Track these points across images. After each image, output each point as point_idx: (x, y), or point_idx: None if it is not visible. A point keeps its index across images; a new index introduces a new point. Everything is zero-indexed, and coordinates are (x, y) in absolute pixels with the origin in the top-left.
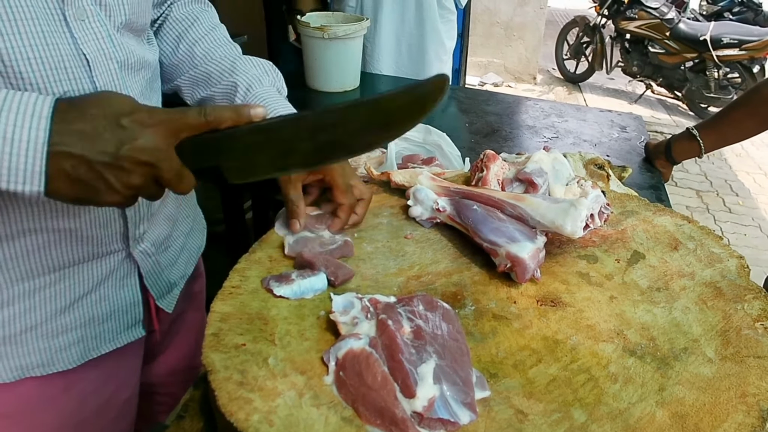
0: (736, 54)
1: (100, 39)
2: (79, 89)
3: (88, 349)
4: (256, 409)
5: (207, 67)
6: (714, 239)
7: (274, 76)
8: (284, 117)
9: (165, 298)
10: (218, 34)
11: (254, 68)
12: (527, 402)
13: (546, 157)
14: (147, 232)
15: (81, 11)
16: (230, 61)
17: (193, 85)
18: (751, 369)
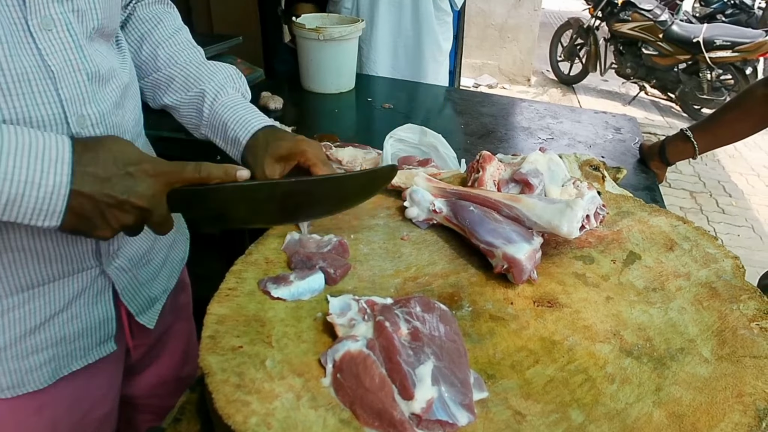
0: (729, 56)
1: (67, 50)
2: (43, 102)
3: (59, 367)
4: (253, 411)
5: (170, 71)
6: (709, 240)
7: (238, 81)
8: (262, 182)
9: (145, 314)
10: (181, 37)
11: (219, 74)
12: (525, 403)
13: (542, 158)
14: (122, 247)
15: (47, 21)
16: (195, 66)
17: (155, 88)
18: (747, 369)
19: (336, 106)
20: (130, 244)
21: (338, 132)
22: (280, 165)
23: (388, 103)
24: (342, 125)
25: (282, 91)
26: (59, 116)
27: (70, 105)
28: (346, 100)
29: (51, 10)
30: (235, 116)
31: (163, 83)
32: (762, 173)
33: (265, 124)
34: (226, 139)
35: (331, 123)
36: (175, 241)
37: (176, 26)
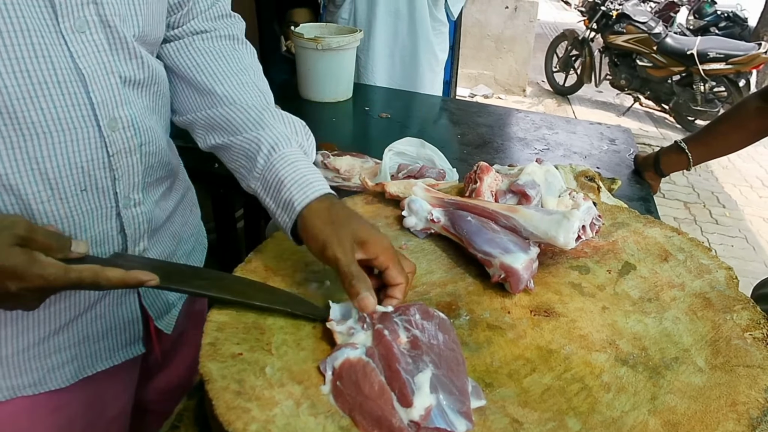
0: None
1: (101, 52)
2: (73, 104)
3: (83, 367)
4: (253, 418)
5: (229, 111)
6: (703, 251)
7: (303, 137)
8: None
9: (163, 319)
10: (248, 77)
11: (282, 125)
12: (522, 411)
13: (538, 170)
14: (147, 249)
15: (81, 23)
16: (257, 111)
17: (208, 128)
18: (741, 378)
19: (333, 115)
20: (156, 246)
21: (336, 141)
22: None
23: (385, 112)
24: (339, 134)
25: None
26: (90, 119)
27: (101, 108)
28: (344, 110)
29: (85, 11)
30: (294, 174)
31: (218, 123)
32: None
33: (330, 192)
34: (277, 201)
35: (328, 132)
36: (194, 250)
37: (244, 65)
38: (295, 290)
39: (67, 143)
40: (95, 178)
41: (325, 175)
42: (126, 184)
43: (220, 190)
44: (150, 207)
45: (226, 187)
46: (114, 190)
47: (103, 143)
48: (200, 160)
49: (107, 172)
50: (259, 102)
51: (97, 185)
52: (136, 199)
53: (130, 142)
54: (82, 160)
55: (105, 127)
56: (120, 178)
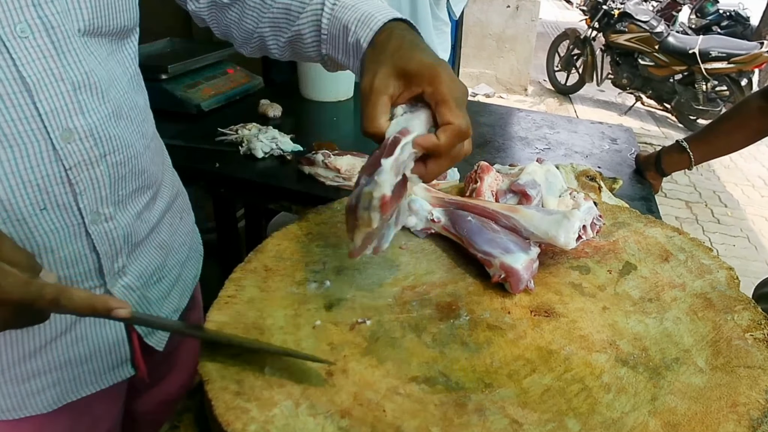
0: (725, 67)
1: (47, 57)
2: (19, 117)
3: (66, 392)
4: (253, 418)
5: (283, 2)
6: (704, 251)
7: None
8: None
9: (154, 335)
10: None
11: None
12: (522, 411)
13: (539, 169)
14: (129, 265)
15: (23, 27)
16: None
17: (275, 28)
18: (742, 379)
19: (334, 115)
20: (140, 260)
21: (336, 140)
22: (398, 82)
23: None
24: (340, 133)
25: (281, 99)
26: (39, 131)
27: (51, 118)
28: (345, 109)
29: (26, 14)
30: (356, 14)
31: (282, 18)
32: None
33: (395, 17)
34: (347, 51)
35: (329, 131)
36: (188, 258)
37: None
38: (295, 290)
39: (17, 159)
40: (54, 195)
41: (326, 174)
42: (91, 199)
43: (221, 190)
44: (128, 221)
45: (226, 187)
46: (77, 205)
47: (57, 156)
48: (201, 160)
49: (66, 187)
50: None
51: (57, 202)
52: (107, 213)
53: (90, 153)
54: (36, 176)
55: (58, 139)
56: (82, 193)
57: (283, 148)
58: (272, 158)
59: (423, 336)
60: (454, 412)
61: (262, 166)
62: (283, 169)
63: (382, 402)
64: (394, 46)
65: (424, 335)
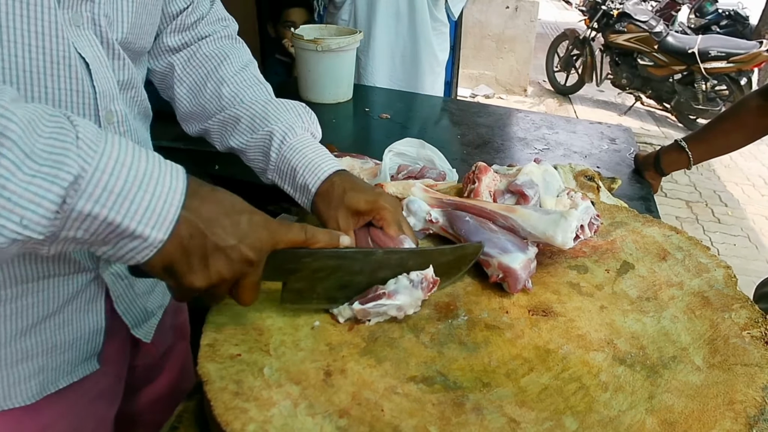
0: (724, 66)
1: (95, 47)
2: (77, 89)
3: (48, 382)
4: (251, 419)
5: (236, 110)
6: (701, 249)
7: (307, 120)
8: (357, 250)
9: (141, 327)
10: (248, 73)
11: (287, 113)
12: (519, 410)
13: (537, 169)
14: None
15: (77, 17)
16: (261, 105)
17: (222, 130)
18: (739, 377)
19: (333, 116)
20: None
21: (336, 142)
22: (354, 219)
23: (386, 113)
24: (339, 135)
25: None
26: (91, 107)
27: (101, 99)
28: (344, 111)
29: (82, 7)
30: (303, 161)
31: (230, 124)
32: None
33: (337, 169)
34: (294, 186)
35: (328, 133)
36: None
37: (243, 62)
38: None
39: None
40: None
41: None
42: None
43: None
44: None
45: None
46: None
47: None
48: (201, 162)
49: None
50: (261, 95)
51: None
52: None
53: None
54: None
55: (102, 119)
56: None
57: None
58: None
59: (421, 336)
60: (452, 412)
61: None
62: None
63: (381, 401)
64: (339, 192)
65: (422, 335)
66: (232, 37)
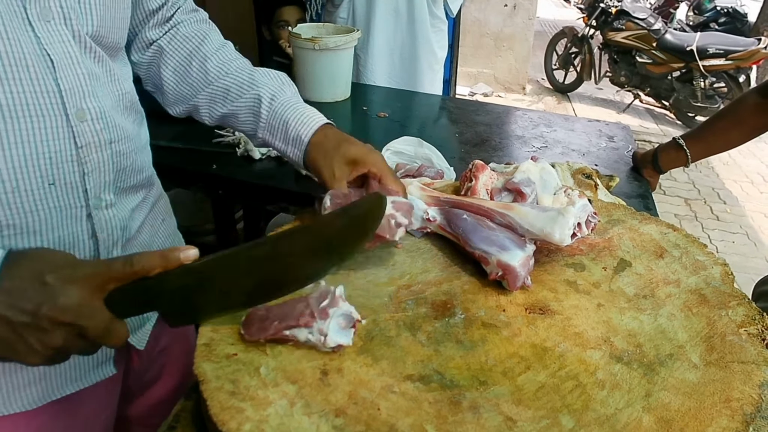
0: (722, 64)
1: (66, 42)
2: (41, 90)
3: (50, 389)
4: (247, 418)
5: (224, 82)
6: (699, 247)
7: (291, 87)
8: (214, 257)
9: (135, 334)
10: (228, 50)
11: (273, 80)
12: (516, 409)
13: (533, 167)
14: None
15: (46, 11)
16: (247, 73)
17: (212, 102)
18: (735, 374)
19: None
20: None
21: None
22: (349, 168)
23: (384, 111)
24: None
25: None
26: (57, 106)
27: (69, 97)
28: (342, 109)
29: (50, 2)
30: (296, 114)
31: (219, 95)
32: (756, 180)
33: (328, 122)
34: (286, 139)
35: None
36: None
37: (221, 41)
38: None
39: (35, 130)
40: (63, 172)
41: None
42: (96, 182)
43: (219, 192)
44: (125, 214)
45: (224, 189)
46: (83, 186)
47: (71, 134)
48: (199, 162)
49: (75, 165)
50: (245, 66)
51: (65, 180)
52: (108, 200)
53: (99, 135)
54: (50, 150)
55: (73, 117)
56: (90, 174)
57: None
58: (269, 159)
59: (418, 334)
60: (448, 410)
61: (260, 168)
62: (280, 170)
63: (377, 400)
64: (333, 142)
65: (419, 334)
66: (205, 21)
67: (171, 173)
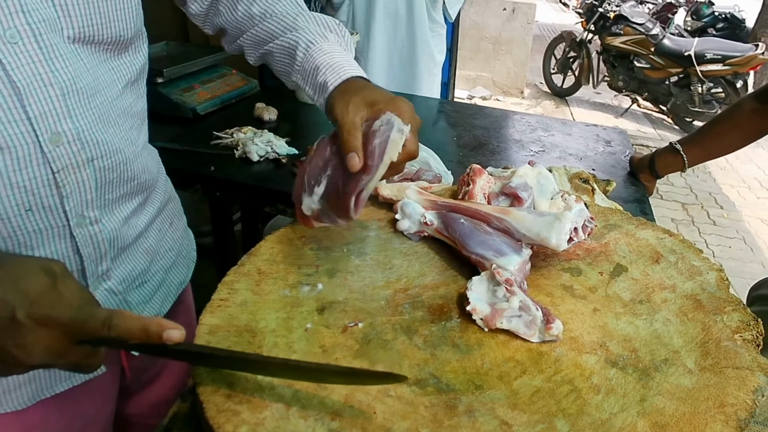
0: (720, 69)
1: (35, 63)
2: (8, 120)
3: (40, 389)
4: (243, 421)
5: (267, 24)
6: (694, 252)
7: (339, 34)
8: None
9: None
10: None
11: (317, 25)
12: (512, 413)
13: (531, 172)
14: (114, 269)
15: (12, 33)
16: (292, 17)
17: (256, 45)
18: (730, 380)
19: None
20: (125, 264)
21: None
22: (368, 110)
23: None
24: None
25: (276, 102)
26: (28, 134)
27: (40, 122)
28: None
29: (15, 21)
30: (329, 61)
31: (263, 38)
32: (753, 185)
33: (360, 75)
34: (314, 85)
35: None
36: (174, 264)
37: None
38: (288, 293)
39: (6, 161)
40: (40, 197)
41: None
42: (77, 202)
43: (216, 193)
44: (114, 225)
45: (222, 190)
46: (63, 208)
47: (45, 159)
48: (197, 164)
49: (53, 189)
50: (292, 9)
51: (43, 204)
52: (92, 217)
53: (77, 156)
54: (24, 179)
55: (46, 143)
56: (68, 196)
57: (278, 152)
58: (267, 161)
59: (414, 338)
60: (444, 414)
61: (258, 170)
62: (278, 172)
63: (373, 404)
64: (357, 86)
65: (415, 337)
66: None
67: (169, 174)
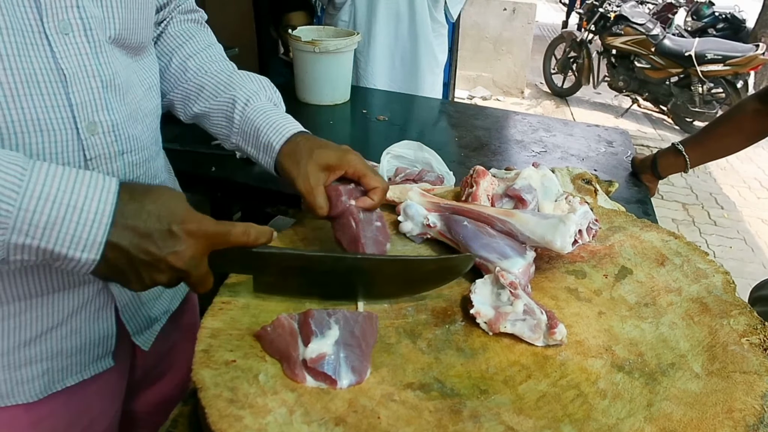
0: (720, 69)
1: (83, 54)
2: (52, 105)
3: (52, 382)
4: (246, 426)
5: (200, 80)
6: (700, 255)
7: (271, 92)
8: (326, 254)
9: (142, 335)
10: (213, 51)
11: (251, 83)
12: (517, 418)
13: (535, 174)
14: None
15: (65, 25)
16: (226, 75)
17: (186, 99)
18: (738, 384)
19: (331, 118)
20: None
21: None
22: (325, 174)
23: (383, 115)
24: (337, 137)
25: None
26: (68, 121)
27: (80, 110)
28: (341, 112)
29: (69, 14)
30: (267, 121)
31: (193, 93)
32: (753, 186)
33: (301, 131)
34: (257, 146)
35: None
36: None
37: (208, 42)
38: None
39: (43, 144)
40: None
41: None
42: None
43: (218, 194)
44: None
45: (223, 191)
46: None
47: (81, 146)
48: (197, 164)
49: None
50: (226, 68)
51: None
52: None
53: (110, 148)
54: (58, 162)
55: (83, 130)
56: None
57: None
58: None
59: (418, 342)
60: (449, 419)
61: (259, 170)
62: None
63: (377, 409)
64: (306, 149)
65: (419, 341)
66: (197, 21)
67: None
